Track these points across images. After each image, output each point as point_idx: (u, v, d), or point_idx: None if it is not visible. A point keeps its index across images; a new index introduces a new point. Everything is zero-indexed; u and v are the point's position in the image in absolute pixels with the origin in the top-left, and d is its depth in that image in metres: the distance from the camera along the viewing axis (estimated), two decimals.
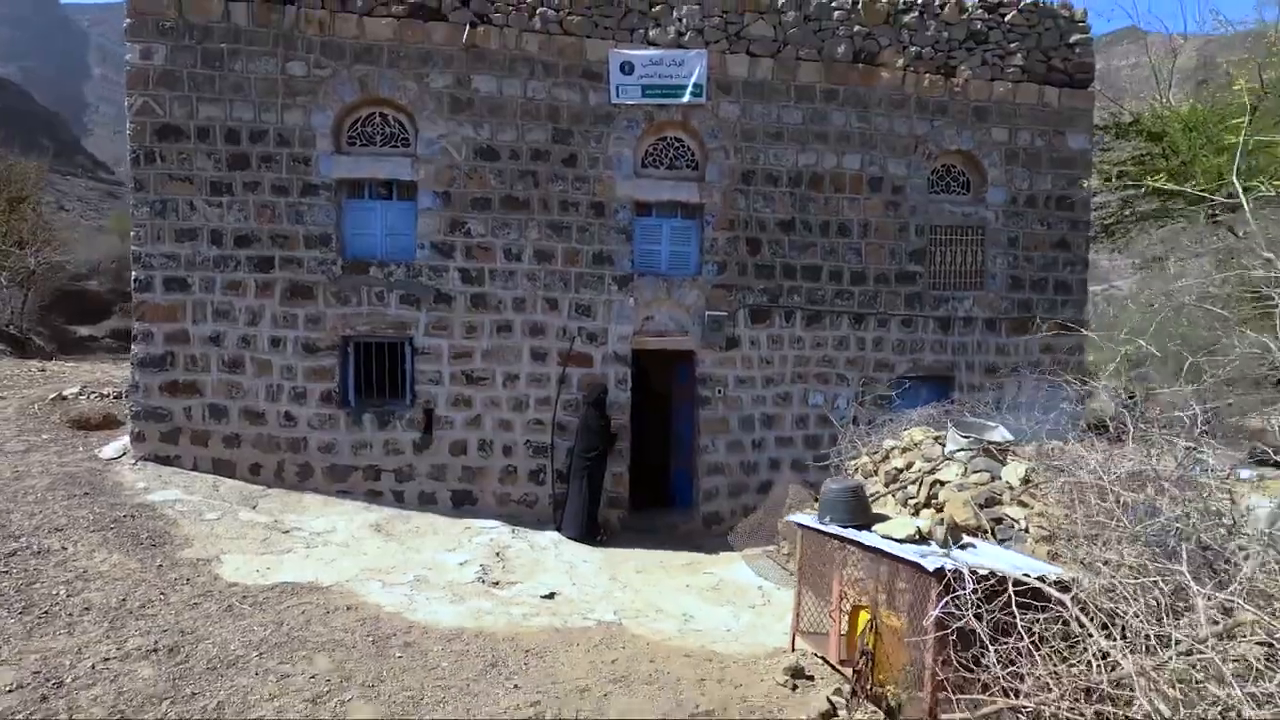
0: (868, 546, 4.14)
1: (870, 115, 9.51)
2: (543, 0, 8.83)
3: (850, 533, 4.40)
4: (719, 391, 9.31)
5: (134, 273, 8.30)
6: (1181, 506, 3.08)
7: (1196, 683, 2.29)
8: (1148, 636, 2.50)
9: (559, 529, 8.41)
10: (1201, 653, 2.33)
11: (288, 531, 7.25)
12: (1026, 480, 4.70)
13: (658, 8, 9.06)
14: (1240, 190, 3.41)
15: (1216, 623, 2.51)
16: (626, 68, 8.92)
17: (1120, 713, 2.48)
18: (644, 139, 9.15)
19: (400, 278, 8.61)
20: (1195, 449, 3.64)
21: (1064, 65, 9.95)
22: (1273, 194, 3.54)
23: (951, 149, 9.77)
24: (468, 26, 8.59)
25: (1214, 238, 7.31)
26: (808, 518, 5.02)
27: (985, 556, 3.90)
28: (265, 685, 4.15)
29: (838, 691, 4.22)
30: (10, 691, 3.87)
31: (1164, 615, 2.58)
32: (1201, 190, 8.05)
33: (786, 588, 6.43)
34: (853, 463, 6.81)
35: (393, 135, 8.74)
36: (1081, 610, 2.86)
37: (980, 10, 9.78)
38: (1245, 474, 5.85)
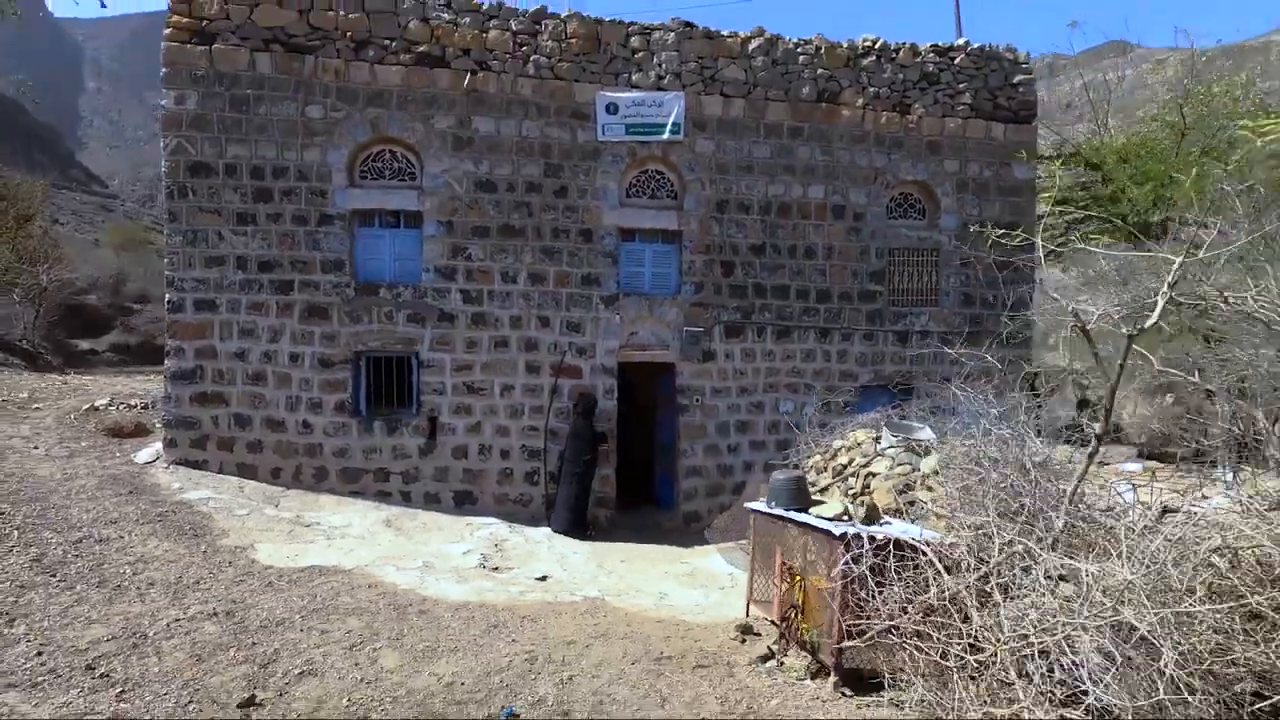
0: (799, 522, 5.19)
1: (833, 149, 10.65)
2: (536, 48, 9.97)
3: (790, 514, 5.45)
4: (697, 401, 10.38)
5: (167, 295, 9.35)
6: (1014, 483, 4.15)
7: (988, 593, 3.34)
8: (965, 566, 3.55)
9: (551, 525, 9.44)
10: (993, 575, 3.37)
11: (309, 526, 8.27)
12: (937, 470, 5.76)
13: (639, 54, 10.21)
14: (1039, 244, 4.49)
15: (1004, 552, 3.57)
16: (612, 108, 10.04)
17: (947, 620, 3.52)
18: (628, 172, 10.26)
19: (407, 299, 9.68)
20: (1038, 440, 4.72)
21: (1009, 103, 11.13)
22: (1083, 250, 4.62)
23: (908, 179, 10.92)
24: (469, 73, 9.71)
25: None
26: (760, 504, 6.07)
27: (891, 529, 4.95)
28: (310, 638, 5.17)
29: (775, 641, 5.25)
30: (108, 641, 4.88)
31: (979, 555, 3.64)
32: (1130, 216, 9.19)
33: None
34: (809, 460, 7.87)
35: (401, 170, 9.83)
36: (938, 559, 3.92)
37: (932, 54, 10.96)
38: (1133, 466, 6.94)
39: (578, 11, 10.19)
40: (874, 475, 6.38)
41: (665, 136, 10.13)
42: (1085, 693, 3.01)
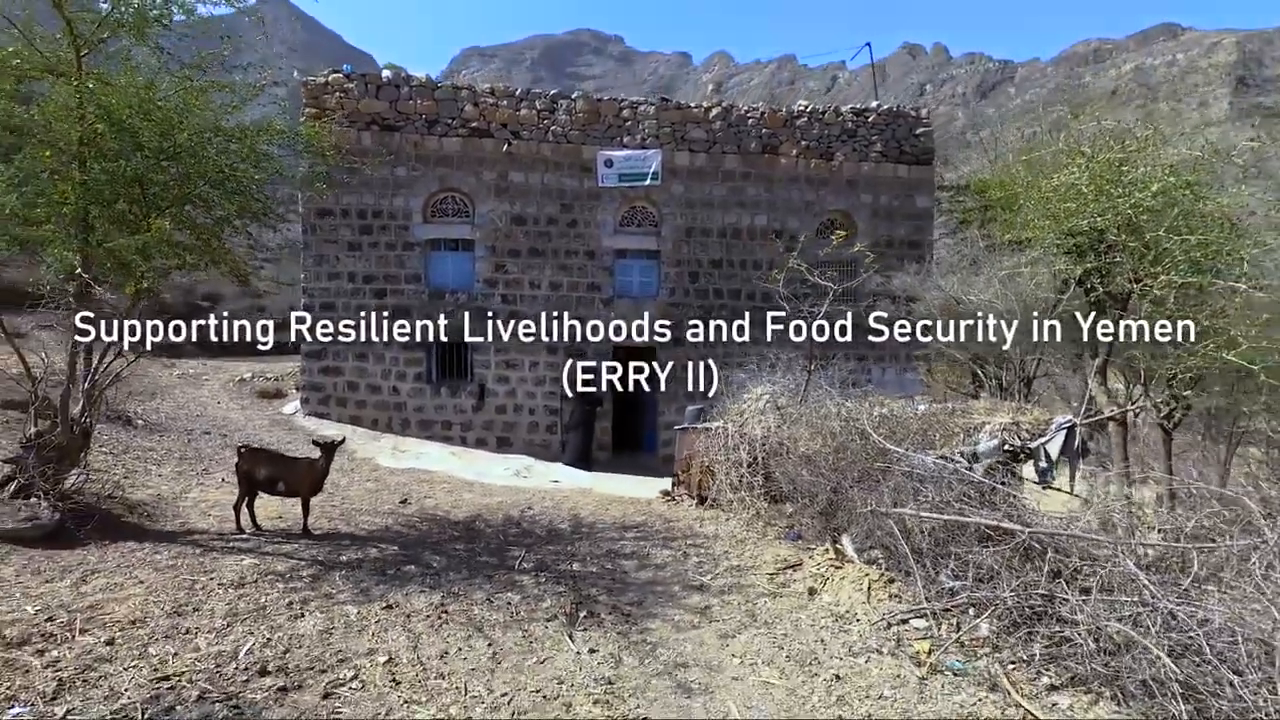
0: (691, 428, 9.94)
1: (774, 188, 15.27)
2: (554, 121, 14.83)
3: (688, 425, 10.19)
4: (672, 374, 15.11)
5: (303, 299, 14.53)
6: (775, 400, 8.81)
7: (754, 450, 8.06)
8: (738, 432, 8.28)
9: (563, 460, 14.29)
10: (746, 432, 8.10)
11: (403, 452, 13.32)
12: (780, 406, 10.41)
13: (629, 122, 14.99)
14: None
15: (761, 425, 8.23)
16: (608, 163, 14.84)
17: (729, 456, 8.24)
18: (620, 208, 15.06)
19: (464, 301, 14.67)
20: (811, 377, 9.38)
21: (912, 150, 15.57)
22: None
23: (832, 209, 15.47)
24: (506, 141, 14.64)
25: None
26: (680, 426, 10.80)
27: (726, 426, 9.64)
28: (423, 489, 10.13)
29: (676, 490, 9.99)
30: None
31: (749, 424, 8.35)
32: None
33: None
34: (734, 407, 12.54)
35: (459, 210, 14.83)
36: (734, 431, 8.62)
37: (851, 114, 15.47)
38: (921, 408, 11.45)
39: (584, 92, 15.03)
40: (755, 410, 11.06)
41: (648, 182, 14.88)
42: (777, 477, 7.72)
